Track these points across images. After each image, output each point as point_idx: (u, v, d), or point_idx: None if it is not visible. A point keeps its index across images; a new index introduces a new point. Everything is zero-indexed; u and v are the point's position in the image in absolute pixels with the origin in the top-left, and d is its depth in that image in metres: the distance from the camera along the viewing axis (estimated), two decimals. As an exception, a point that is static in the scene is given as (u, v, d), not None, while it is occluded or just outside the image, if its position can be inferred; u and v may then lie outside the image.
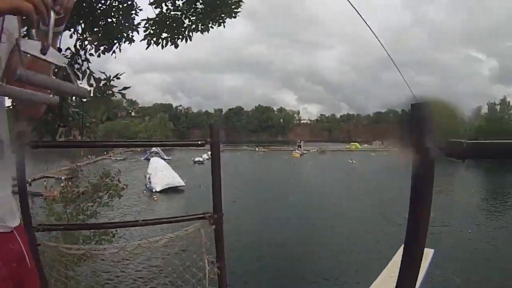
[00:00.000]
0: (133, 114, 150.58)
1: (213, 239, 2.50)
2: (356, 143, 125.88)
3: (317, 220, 32.65)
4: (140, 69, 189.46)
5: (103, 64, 5.97)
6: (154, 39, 6.02)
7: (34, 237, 2.29)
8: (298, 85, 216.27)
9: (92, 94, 5.18)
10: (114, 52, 5.86)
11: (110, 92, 5.24)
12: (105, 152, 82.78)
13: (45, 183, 43.25)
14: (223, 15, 6.17)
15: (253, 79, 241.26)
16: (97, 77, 5.27)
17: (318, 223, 31.82)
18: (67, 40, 5.29)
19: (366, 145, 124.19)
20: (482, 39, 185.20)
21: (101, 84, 5.23)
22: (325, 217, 33.72)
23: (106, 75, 5.28)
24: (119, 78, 5.34)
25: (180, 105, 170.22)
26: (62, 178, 42.68)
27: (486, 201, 42.19)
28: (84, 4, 5.26)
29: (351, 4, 3.28)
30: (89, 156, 71.22)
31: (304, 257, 23.85)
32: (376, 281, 10.01)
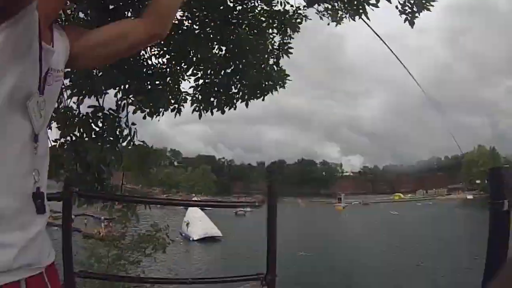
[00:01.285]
0: (175, 164, 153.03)
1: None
2: (400, 194, 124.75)
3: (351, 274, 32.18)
4: (180, 121, 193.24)
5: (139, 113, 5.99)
6: (203, 105, 6.14)
7: (73, 282, 2.22)
8: (341, 136, 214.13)
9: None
10: (158, 115, 5.98)
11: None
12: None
13: (85, 220, 44.41)
14: (270, 88, 6.34)
15: (295, 131, 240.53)
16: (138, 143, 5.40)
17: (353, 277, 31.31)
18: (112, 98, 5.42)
19: (410, 195, 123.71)
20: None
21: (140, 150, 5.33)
22: (361, 271, 33.11)
23: (147, 144, 5.40)
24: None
25: (223, 157, 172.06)
26: (102, 218, 43.66)
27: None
28: (131, 63, 5.35)
29: (390, 50, 3.18)
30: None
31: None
32: None
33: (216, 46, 5.97)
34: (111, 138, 5.17)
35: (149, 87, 5.56)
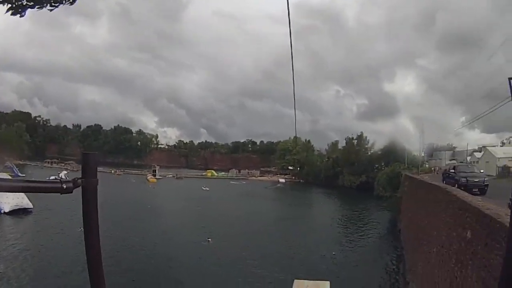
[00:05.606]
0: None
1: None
2: (212, 171, 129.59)
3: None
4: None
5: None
6: None
7: None
8: (160, 106, 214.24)
9: None
10: None
11: None
12: None
13: None
14: None
15: (114, 94, 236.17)
16: None
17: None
18: None
19: (223, 173, 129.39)
20: (356, 78, 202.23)
21: None
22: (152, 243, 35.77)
23: None
24: None
25: (40, 116, 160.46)
26: None
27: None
28: None
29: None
30: None
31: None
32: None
33: None
34: None
35: None
